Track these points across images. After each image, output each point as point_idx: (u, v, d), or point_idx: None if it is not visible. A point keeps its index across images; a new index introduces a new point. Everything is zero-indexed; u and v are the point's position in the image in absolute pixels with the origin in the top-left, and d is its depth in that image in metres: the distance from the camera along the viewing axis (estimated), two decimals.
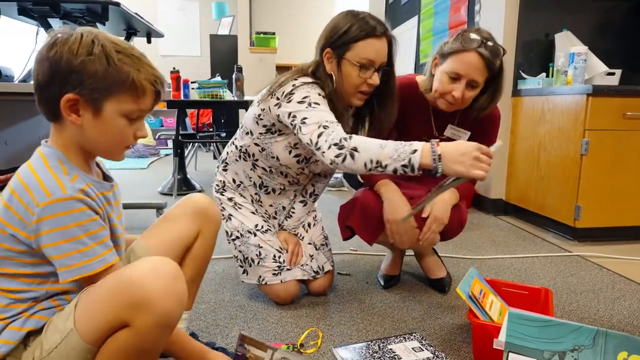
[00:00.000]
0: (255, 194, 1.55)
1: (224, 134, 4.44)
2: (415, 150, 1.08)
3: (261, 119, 1.42)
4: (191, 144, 4.38)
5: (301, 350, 1.22)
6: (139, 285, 0.74)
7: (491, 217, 2.83)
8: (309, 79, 1.35)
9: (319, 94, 1.31)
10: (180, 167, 3.41)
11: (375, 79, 1.32)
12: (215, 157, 5.47)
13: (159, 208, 2.53)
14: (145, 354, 0.79)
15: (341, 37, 1.30)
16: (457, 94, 1.36)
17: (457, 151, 1.06)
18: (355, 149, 1.14)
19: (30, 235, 0.76)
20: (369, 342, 1.25)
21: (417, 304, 1.53)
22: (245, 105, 3.54)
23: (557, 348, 0.86)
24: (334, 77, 1.34)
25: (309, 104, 1.26)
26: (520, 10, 2.71)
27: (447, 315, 1.46)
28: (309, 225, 1.61)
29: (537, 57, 2.76)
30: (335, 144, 1.16)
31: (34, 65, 0.80)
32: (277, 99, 1.33)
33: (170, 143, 6.51)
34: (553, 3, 2.70)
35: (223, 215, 1.55)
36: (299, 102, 1.28)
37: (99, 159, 0.98)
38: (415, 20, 4.04)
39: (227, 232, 1.54)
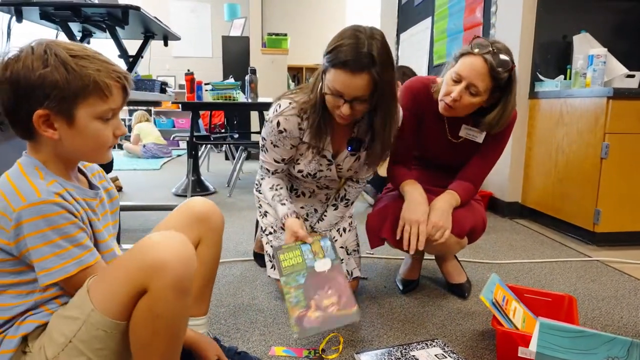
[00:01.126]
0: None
1: (236, 136, 4.46)
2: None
3: None
4: (204, 145, 4.40)
5: (323, 356, 1.22)
6: (154, 251, 0.77)
7: (507, 220, 2.80)
8: (286, 103, 1.37)
9: (271, 141, 1.43)
10: (194, 169, 3.43)
11: (345, 110, 1.24)
12: (227, 158, 5.49)
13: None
14: (165, 321, 0.78)
15: (327, 54, 1.23)
16: (454, 94, 1.34)
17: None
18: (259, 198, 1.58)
19: (10, 242, 0.77)
20: (391, 348, 1.25)
21: (437, 309, 1.52)
22: (258, 107, 3.55)
23: (590, 359, 0.84)
24: (319, 89, 1.31)
25: (263, 146, 1.47)
26: (538, 11, 2.68)
27: (468, 321, 1.45)
28: (344, 230, 1.62)
29: (554, 59, 2.73)
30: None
31: None
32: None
33: (181, 144, 6.55)
34: (570, 4, 2.67)
35: (260, 211, 1.62)
36: (262, 137, 1.46)
37: (96, 168, 0.99)
38: (429, 22, 4.01)
39: (262, 227, 1.60)
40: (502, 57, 1.31)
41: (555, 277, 1.85)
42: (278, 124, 1.38)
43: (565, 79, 2.61)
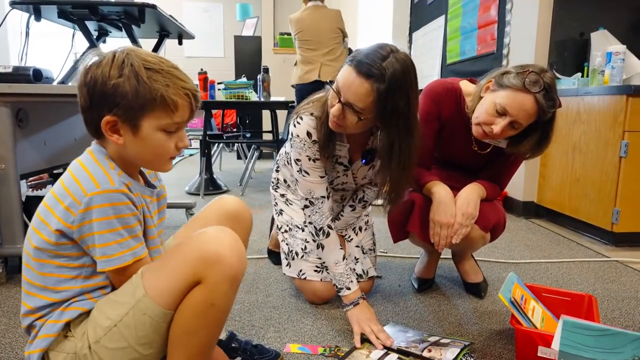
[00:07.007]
0: None
1: (249, 135, 4.48)
2: (349, 288, 1.32)
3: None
4: (216, 144, 4.42)
5: (338, 354, 1.21)
6: (212, 244, 0.82)
7: (522, 219, 2.77)
8: (307, 115, 1.32)
9: (308, 157, 1.33)
10: (207, 167, 3.45)
11: (335, 110, 1.19)
12: (239, 157, 5.51)
13: (189, 208, 2.55)
14: (217, 310, 0.84)
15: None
16: (496, 129, 1.29)
17: (358, 316, 1.29)
18: (321, 246, 1.39)
19: (73, 225, 0.79)
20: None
21: (453, 309, 1.51)
22: (271, 106, 3.55)
23: (615, 358, 0.82)
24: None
25: (300, 170, 1.36)
26: (554, 8, 2.64)
27: (485, 320, 1.43)
28: (359, 228, 1.61)
29: (571, 56, 2.69)
30: (315, 229, 1.39)
31: (77, 89, 0.83)
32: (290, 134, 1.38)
33: (193, 143, 6.60)
34: (587, 1, 2.63)
35: (275, 209, 1.62)
36: (295, 161, 1.37)
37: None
38: (442, 20, 3.98)
39: (277, 225, 1.60)
40: (552, 96, 1.25)
41: (573, 277, 1.82)
42: (309, 134, 1.31)
43: (582, 76, 2.57)
